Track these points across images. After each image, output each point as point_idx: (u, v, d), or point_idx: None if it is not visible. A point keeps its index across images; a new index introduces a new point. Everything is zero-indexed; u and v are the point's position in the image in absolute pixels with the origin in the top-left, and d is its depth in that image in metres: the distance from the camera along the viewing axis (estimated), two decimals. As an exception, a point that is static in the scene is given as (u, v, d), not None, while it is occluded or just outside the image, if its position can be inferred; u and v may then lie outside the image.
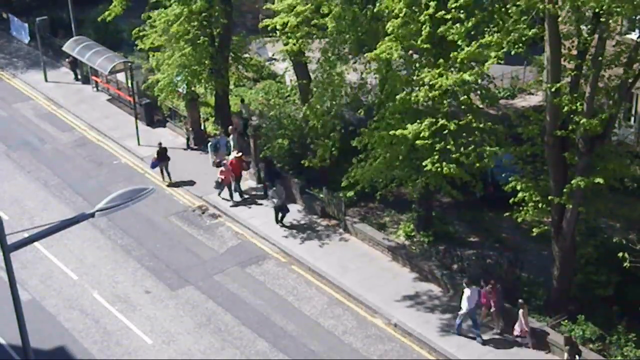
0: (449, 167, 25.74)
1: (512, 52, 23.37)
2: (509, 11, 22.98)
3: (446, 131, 25.86)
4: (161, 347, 26.79)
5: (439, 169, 25.82)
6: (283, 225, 32.40)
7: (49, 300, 28.84)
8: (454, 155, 25.90)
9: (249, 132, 35.33)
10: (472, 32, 24.07)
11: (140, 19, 37.10)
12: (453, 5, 23.93)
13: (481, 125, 26.06)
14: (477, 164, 26.17)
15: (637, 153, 32.34)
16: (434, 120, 25.86)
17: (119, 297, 29.02)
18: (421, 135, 25.69)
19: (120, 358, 26.41)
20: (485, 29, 23.82)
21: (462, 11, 23.98)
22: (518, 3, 22.37)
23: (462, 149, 26.04)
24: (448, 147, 25.89)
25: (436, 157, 25.87)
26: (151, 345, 26.87)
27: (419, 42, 25.89)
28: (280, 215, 32.53)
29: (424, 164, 26.20)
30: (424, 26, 25.59)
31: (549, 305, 26.64)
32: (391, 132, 26.37)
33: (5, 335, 27.01)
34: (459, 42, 24.03)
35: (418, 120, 26.10)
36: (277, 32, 29.58)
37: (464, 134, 26.44)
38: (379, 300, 28.26)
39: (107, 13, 38.06)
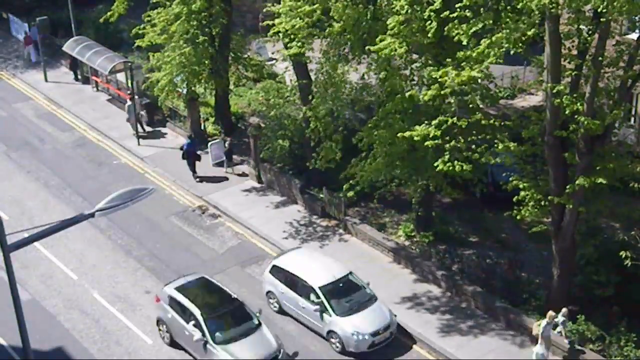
0: (461, 166, 25.59)
1: (512, 52, 23.30)
2: (517, 8, 22.82)
3: (455, 130, 25.73)
4: (161, 347, 26.78)
5: (450, 168, 25.60)
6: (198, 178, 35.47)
7: (49, 300, 28.84)
8: (465, 154, 25.76)
9: (249, 133, 35.36)
10: (479, 31, 23.97)
11: (140, 19, 37.09)
12: (459, 5, 23.83)
13: (491, 122, 25.87)
14: (492, 161, 25.82)
15: (637, 153, 32.33)
16: (444, 119, 25.58)
17: (119, 297, 29.03)
18: (430, 135, 25.46)
19: (120, 358, 26.42)
20: (493, 27, 23.69)
21: (467, 10, 23.85)
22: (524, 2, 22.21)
23: (473, 146, 25.93)
24: (459, 145, 25.76)
25: (447, 156, 25.75)
26: (151, 346, 26.87)
27: (424, 39, 25.71)
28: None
29: (435, 164, 25.96)
30: (428, 23, 25.41)
31: (549, 305, 26.61)
32: (398, 135, 26.21)
33: (5, 335, 27.01)
34: (465, 42, 23.89)
35: (425, 122, 25.85)
36: (281, 34, 29.48)
37: (474, 132, 26.33)
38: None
39: (109, 14, 38.06)
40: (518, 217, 25.66)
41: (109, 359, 26.40)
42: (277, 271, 27.79)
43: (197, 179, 35.58)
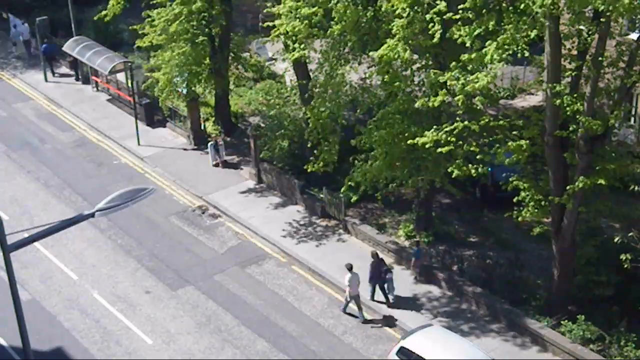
0: (476, 169, 25.57)
1: (519, 55, 23.17)
2: (519, 9, 22.75)
3: (465, 133, 25.65)
4: (161, 347, 26.80)
5: (467, 173, 25.56)
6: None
7: (49, 300, 28.85)
8: (480, 157, 25.76)
9: (249, 133, 35.36)
10: (482, 33, 23.91)
11: (140, 19, 37.06)
12: (461, 7, 23.75)
13: (500, 123, 25.82)
14: (507, 161, 25.74)
15: (638, 153, 32.33)
16: (456, 125, 25.27)
17: (119, 297, 29.03)
18: (442, 142, 25.20)
19: (120, 358, 26.43)
20: (496, 28, 23.60)
21: (470, 12, 23.77)
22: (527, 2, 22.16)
23: (485, 148, 25.89)
24: (472, 149, 25.75)
25: (460, 161, 25.66)
26: (151, 345, 26.88)
27: (427, 42, 25.63)
28: None
29: (449, 170, 25.87)
30: (430, 25, 25.31)
31: (549, 305, 26.63)
32: (409, 142, 25.99)
33: (5, 335, 27.02)
34: (468, 44, 23.80)
35: (435, 127, 25.69)
36: (282, 36, 29.43)
37: (485, 134, 26.28)
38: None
39: (103, 13, 38.02)
40: (519, 219, 25.65)
41: (109, 359, 26.42)
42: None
43: (56, 75, 44.71)
